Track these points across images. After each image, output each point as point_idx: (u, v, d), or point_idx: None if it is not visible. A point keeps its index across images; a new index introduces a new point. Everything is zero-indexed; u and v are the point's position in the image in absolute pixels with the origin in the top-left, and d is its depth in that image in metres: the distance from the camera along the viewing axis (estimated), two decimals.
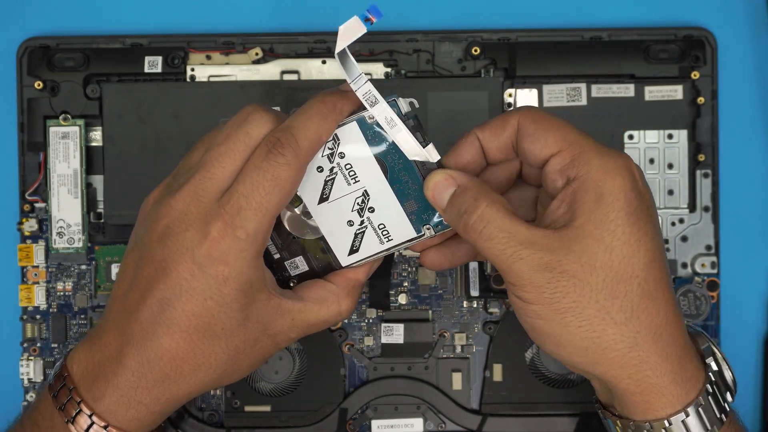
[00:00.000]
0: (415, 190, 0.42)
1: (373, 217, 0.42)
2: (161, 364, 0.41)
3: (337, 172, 0.42)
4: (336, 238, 0.43)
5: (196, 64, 0.54)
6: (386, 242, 0.43)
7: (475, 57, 0.54)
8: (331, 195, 0.42)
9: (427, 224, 0.42)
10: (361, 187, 0.42)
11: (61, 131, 0.53)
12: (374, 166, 0.42)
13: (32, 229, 0.54)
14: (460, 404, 0.54)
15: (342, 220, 0.43)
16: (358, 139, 0.41)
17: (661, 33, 0.54)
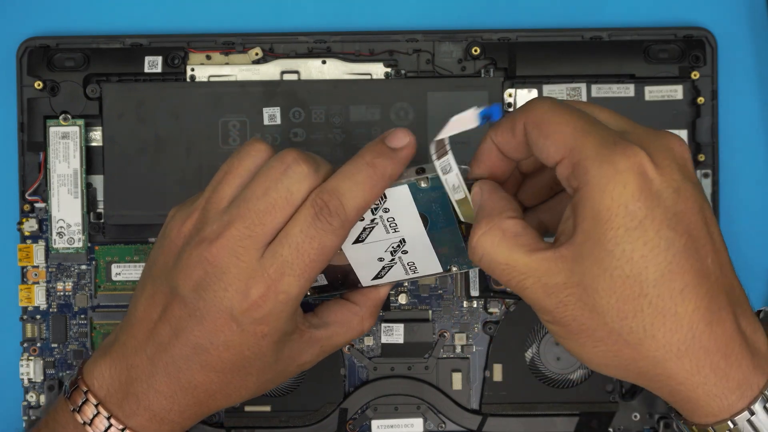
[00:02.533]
0: (450, 238, 0.42)
1: (404, 257, 0.43)
2: (195, 393, 0.42)
3: (378, 223, 0.42)
4: (362, 269, 0.44)
5: (196, 64, 0.54)
6: (411, 274, 0.44)
7: (475, 57, 0.54)
8: (367, 239, 0.42)
9: (455, 265, 0.43)
10: (399, 236, 0.42)
11: (61, 131, 0.53)
12: (417, 221, 0.42)
13: (32, 229, 0.54)
14: (460, 404, 0.54)
15: (373, 258, 0.43)
16: (407, 200, 0.41)
17: (661, 33, 0.54)
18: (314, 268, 0.40)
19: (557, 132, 0.36)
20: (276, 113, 0.52)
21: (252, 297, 0.39)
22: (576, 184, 0.36)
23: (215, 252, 0.40)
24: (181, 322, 0.41)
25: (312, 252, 0.39)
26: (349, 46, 0.54)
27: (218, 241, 0.40)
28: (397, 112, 0.52)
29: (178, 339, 0.41)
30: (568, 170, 0.36)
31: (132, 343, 0.42)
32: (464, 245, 0.42)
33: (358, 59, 0.54)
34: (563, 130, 0.36)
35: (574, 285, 0.36)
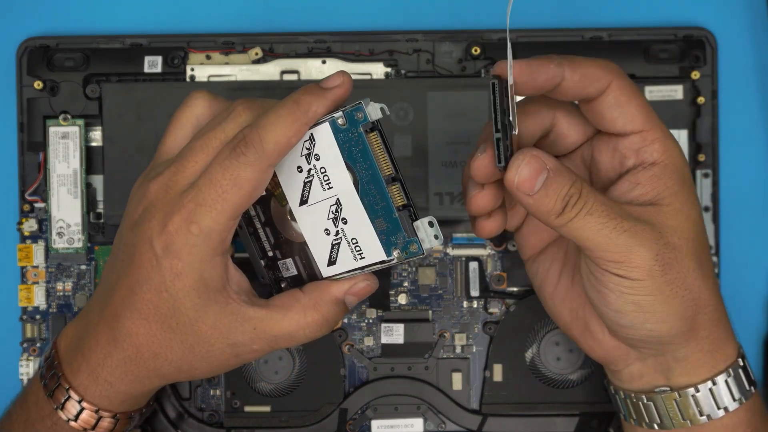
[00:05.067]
0: (383, 207, 0.40)
1: (346, 229, 0.41)
2: (124, 345, 0.42)
3: (313, 175, 0.41)
4: (316, 246, 0.42)
5: (196, 64, 0.54)
6: (359, 260, 0.41)
7: (475, 57, 0.54)
8: (309, 198, 0.41)
9: (397, 248, 0.40)
10: (333, 194, 0.41)
11: (61, 131, 0.53)
12: (344, 174, 0.40)
13: (32, 229, 0.54)
14: (460, 404, 0.54)
15: (320, 228, 0.42)
16: (330, 142, 0.40)
17: (661, 33, 0.54)
18: (229, 201, 0.39)
19: (645, 106, 0.41)
20: None
21: (168, 227, 0.40)
22: (656, 156, 0.41)
23: (152, 188, 0.41)
24: (123, 264, 0.42)
25: (225, 183, 0.39)
26: (349, 46, 0.54)
27: (156, 179, 0.41)
28: (397, 112, 0.52)
29: (118, 283, 0.42)
30: (647, 143, 0.41)
31: (94, 299, 0.44)
32: (396, 215, 0.40)
33: (358, 59, 0.54)
34: (646, 107, 0.41)
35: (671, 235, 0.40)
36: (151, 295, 0.41)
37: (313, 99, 0.39)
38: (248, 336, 0.41)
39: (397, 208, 0.40)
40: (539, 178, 0.38)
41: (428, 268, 0.54)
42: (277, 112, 0.39)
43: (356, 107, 0.39)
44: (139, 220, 0.41)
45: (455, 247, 0.54)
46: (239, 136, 0.39)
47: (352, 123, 0.39)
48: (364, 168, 0.40)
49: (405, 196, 0.40)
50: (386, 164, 0.39)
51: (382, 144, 0.39)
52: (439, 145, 0.52)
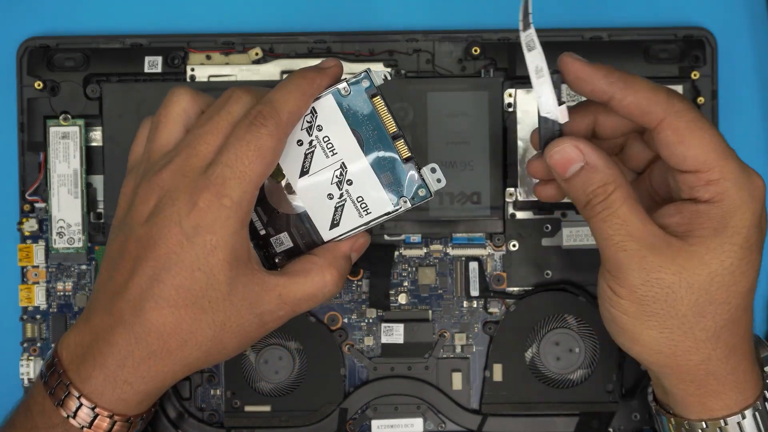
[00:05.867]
0: (389, 162, 0.44)
1: (351, 190, 0.44)
2: (149, 340, 0.41)
3: (316, 145, 0.44)
4: (317, 213, 0.45)
5: (196, 64, 0.54)
6: (365, 215, 0.44)
7: (475, 57, 0.54)
8: (311, 168, 0.44)
9: (404, 196, 0.44)
10: (338, 159, 0.44)
11: (61, 131, 0.53)
12: (350, 138, 0.43)
13: (32, 229, 0.54)
14: (460, 404, 0.54)
15: (322, 194, 0.44)
16: (334, 111, 0.43)
17: (661, 33, 0.54)
18: (254, 170, 0.41)
19: (699, 147, 0.39)
20: None
21: (199, 204, 0.40)
22: (708, 197, 0.39)
23: (164, 176, 0.42)
24: (136, 259, 0.41)
25: (250, 154, 0.41)
26: (349, 46, 0.54)
27: (167, 167, 0.42)
28: (397, 112, 0.52)
29: (133, 278, 0.41)
30: (701, 183, 0.39)
31: (95, 304, 0.43)
32: (404, 166, 0.43)
33: (358, 59, 0.54)
34: (706, 147, 0.39)
35: (672, 273, 0.39)
36: (181, 278, 0.41)
37: (317, 74, 0.43)
38: (274, 303, 0.43)
39: (403, 160, 0.43)
40: (572, 166, 0.40)
41: (428, 268, 0.54)
42: (287, 87, 0.42)
43: (362, 76, 0.43)
44: (157, 210, 0.41)
45: (455, 247, 0.54)
46: (254, 111, 0.41)
47: (357, 90, 0.43)
48: (370, 129, 0.43)
49: (409, 149, 0.44)
50: (390, 123, 0.43)
51: (385, 106, 0.43)
52: (439, 145, 0.52)
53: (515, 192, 0.53)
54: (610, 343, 0.53)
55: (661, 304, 0.40)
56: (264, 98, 0.42)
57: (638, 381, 0.54)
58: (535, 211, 0.54)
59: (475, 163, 0.52)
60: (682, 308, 0.40)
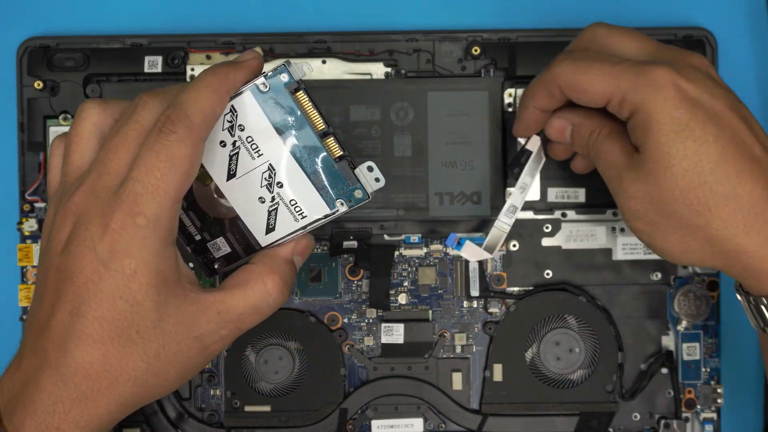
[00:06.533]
0: (321, 162, 0.40)
1: (282, 193, 0.41)
2: (76, 381, 0.38)
3: (240, 146, 0.41)
4: (251, 217, 0.42)
5: (196, 64, 0.54)
6: (301, 220, 0.41)
7: (475, 57, 0.54)
8: (237, 171, 0.41)
9: (341, 199, 0.41)
10: (265, 160, 0.41)
11: (61, 131, 0.53)
12: (275, 138, 0.40)
13: (32, 229, 0.54)
14: (460, 404, 0.54)
15: (253, 198, 0.41)
16: (255, 109, 0.40)
17: (661, 33, 0.54)
18: (168, 183, 0.37)
19: (592, 85, 0.42)
20: None
21: (111, 226, 0.37)
22: (628, 113, 0.42)
23: (77, 200, 0.39)
24: (56, 293, 0.38)
25: (161, 165, 0.37)
26: (349, 46, 0.54)
27: (79, 189, 0.39)
28: (397, 112, 0.52)
29: (55, 315, 0.38)
30: (617, 107, 0.42)
31: (24, 343, 0.40)
32: (336, 167, 0.41)
33: (358, 59, 0.54)
34: (596, 81, 0.42)
35: (643, 182, 0.42)
36: (103, 309, 0.37)
37: (230, 69, 0.40)
38: (213, 323, 0.40)
39: (335, 159, 0.40)
40: (566, 132, 0.46)
41: (428, 268, 0.54)
42: (196, 87, 0.39)
43: (279, 70, 0.40)
44: (71, 237, 0.38)
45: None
46: (162, 117, 0.38)
47: (276, 85, 0.40)
48: (295, 128, 0.40)
49: (340, 147, 0.41)
50: (317, 120, 0.40)
51: (310, 101, 0.40)
52: (439, 145, 0.52)
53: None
54: (610, 343, 0.53)
55: (655, 212, 0.42)
56: (173, 103, 0.38)
57: (638, 381, 0.54)
58: (535, 211, 0.54)
59: (475, 163, 0.52)
60: (670, 206, 0.41)
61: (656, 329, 0.54)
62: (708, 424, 0.54)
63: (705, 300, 0.53)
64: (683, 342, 0.53)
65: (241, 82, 0.40)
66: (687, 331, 0.53)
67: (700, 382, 0.54)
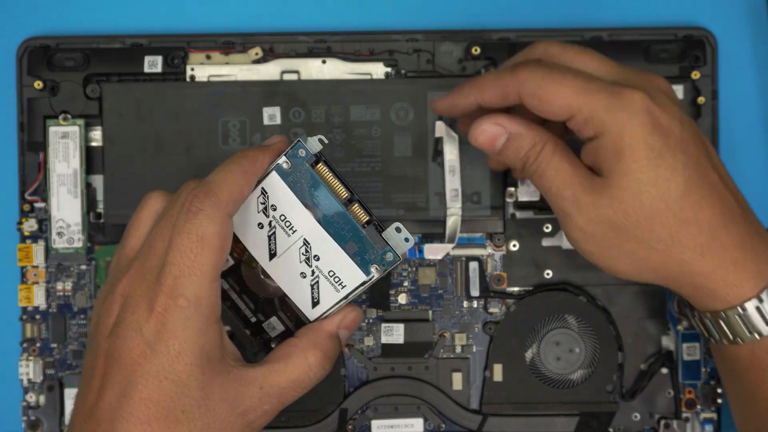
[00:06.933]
0: (350, 230, 0.41)
1: (320, 265, 0.42)
2: None
3: (275, 226, 0.42)
4: (297, 293, 0.43)
5: (196, 64, 0.54)
6: (342, 289, 0.42)
7: (475, 57, 0.54)
8: (278, 249, 0.42)
9: (374, 264, 0.42)
10: (299, 236, 0.42)
11: (61, 131, 0.53)
12: (304, 212, 0.42)
13: (32, 229, 0.54)
14: (460, 404, 0.54)
15: (295, 274, 0.42)
16: (282, 187, 0.41)
17: (661, 33, 0.54)
18: (204, 262, 0.38)
19: (559, 97, 0.41)
20: (276, 113, 0.52)
21: (156, 309, 0.38)
22: (592, 133, 0.41)
23: (125, 282, 0.40)
24: (104, 377, 0.39)
25: (193, 246, 0.38)
26: (349, 46, 0.54)
27: (128, 273, 0.40)
28: (397, 112, 0.52)
29: (103, 398, 0.39)
30: (580, 124, 0.41)
31: (73, 425, 0.40)
32: (364, 233, 0.42)
33: (358, 59, 0.54)
34: (565, 94, 0.41)
35: (606, 207, 0.41)
36: (149, 390, 0.38)
37: (258, 151, 0.41)
38: (256, 398, 0.40)
39: (362, 226, 0.41)
40: (498, 140, 0.43)
41: (428, 268, 0.54)
42: (225, 167, 0.40)
43: (296, 146, 0.41)
44: (119, 319, 0.39)
45: (455, 247, 0.54)
46: (190, 196, 0.39)
47: (297, 162, 0.41)
48: (321, 200, 0.41)
49: (366, 212, 0.42)
50: (340, 189, 0.41)
51: (330, 171, 0.41)
52: None
53: (515, 192, 0.53)
54: (610, 343, 0.53)
55: (613, 235, 0.42)
56: (202, 181, 0.40)
57: (638, 381, 0.54)
58: (535, 211, 0.54)
59: (475, 163, 0.52)
60: (631, 231, 0.41)
61: (656, 329, 0.54)
62: (708, 424, 0.54)
63: None
64: (683, 342, 0.53)
65: (268, 163, 0.42)
66: (687, 331, 0.53)
67: (700, 382, 0.54)
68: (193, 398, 0.38)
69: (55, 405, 0.53)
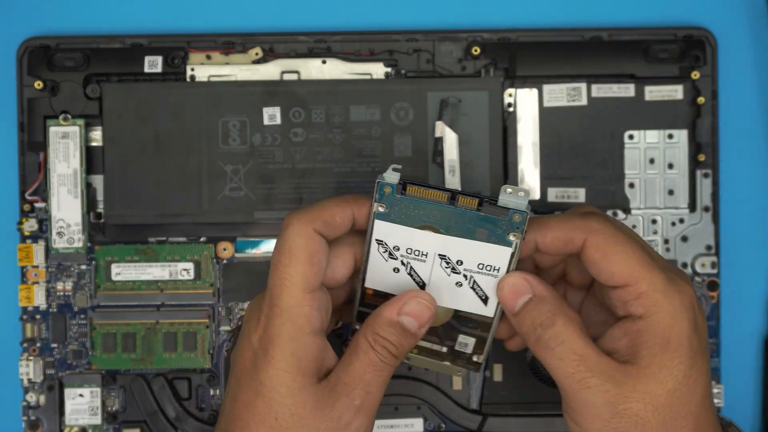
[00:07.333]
0: (470, 220, 0.41)
1: (467, 266, 0.42)
2: None
3: (408, 262, 0.42)
4: (464, 303, 0.43)
5: (196, 64, 0.54)
6: (498, 272, 0.42)
7: (475, 57, 0.54)
8: (423, 279, 0.42)
9: (509, 232, 0.40)
10: (433, 255, 0.42)
11: (61, 131, 0.53)
12: (423, 234, 0.41)
13: (32, 229, 0.54)
14: (460, 404, 0.54)
15: (452, 288, 0.42)
16: (392, 227, 0.41)
17: (661, 33, 0.54)
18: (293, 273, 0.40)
19: (624, 261, 0.40)
20: (276, 113, 0.52)
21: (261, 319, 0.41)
22: (641, 312, 0.39)
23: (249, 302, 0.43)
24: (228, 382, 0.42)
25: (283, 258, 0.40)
26: (349, 46, 0.54)
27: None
28: (397, 112, 0.52)
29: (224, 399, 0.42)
30: (632, 297, 0.40)
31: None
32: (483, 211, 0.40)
33: (358, 59, 0.54)
34: (630, 262, 0.40)
35: (636, 401, 0.39)
36: (246, 395, 0.40)
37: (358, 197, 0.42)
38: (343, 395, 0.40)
39: (477, 210, 0.40)
40: (521, 298, 0.41)
41: None
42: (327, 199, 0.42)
43: (379, 188, 0.41)
44: (239, 334, 0.43)
45: None
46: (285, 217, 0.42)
47: (389, 200, 0.41)
48: (430, 214, 0.41)
49: (472, 196, 0.41)
50: (438, 194, 0.41)
51: (420, 186, 0.41)
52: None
53: None
54: None
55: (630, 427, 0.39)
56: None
57: None
58: (535, 212, 0.54)
59: (475, 163, 0.52)
60: (650, 429, 0.39)
61: None
62: None
63: (705, 300, 0.53)
64: None
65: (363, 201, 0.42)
66: None
67: None
68: (284, 405, 0.40)
69: (55, 405, 0.53)
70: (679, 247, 0.54)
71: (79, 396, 0.53)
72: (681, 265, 0.54)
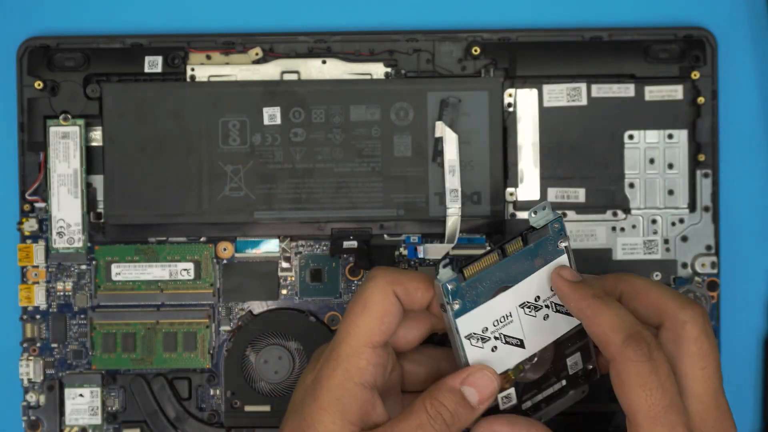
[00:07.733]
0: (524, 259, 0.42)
1: (544, 295, 0.43)
2: None
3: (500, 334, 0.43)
4: (559, 329, 0.44)
5: (196, 64, 0.54)
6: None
7: (475, 57, 0.54)
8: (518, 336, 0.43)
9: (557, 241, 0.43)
10: (516, 312, 0.43)
11: (61, 131, 0.53)
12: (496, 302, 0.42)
13: (32, 229, 0.54)
14: None
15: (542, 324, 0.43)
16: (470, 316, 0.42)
17: (661, 33, 0.54)
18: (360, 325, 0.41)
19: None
20: (276, 113, 0.52)
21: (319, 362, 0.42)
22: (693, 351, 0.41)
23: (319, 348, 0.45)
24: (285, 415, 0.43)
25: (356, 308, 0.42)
26: (349, 46, 0.54)
27: None
28: (397, 112, 0.52)
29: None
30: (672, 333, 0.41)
31: None
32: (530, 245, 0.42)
33: (358, 59, 0.54)
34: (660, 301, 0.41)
35: None
36: (292, 429, 0.42)
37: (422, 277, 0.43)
38: None
39: (524, 247, 0.42)
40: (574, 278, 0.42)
41: (428, 268, 0.54)
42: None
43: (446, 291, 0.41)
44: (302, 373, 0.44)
45: (455, 247, 0.54)
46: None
47: (457, 291, 0.41)
48: (494, 276, 0.42)
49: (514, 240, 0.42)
50: (492, 257, 0.42)
51: (473, 263, 0.42)
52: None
53: (515, 192, 0.53)
54: None
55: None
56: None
57: None
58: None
59: (475, 163, 0.52)
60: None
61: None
62: None
63: (705, 300, 0.53)
64: None
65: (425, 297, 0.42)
66: None
67: None
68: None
69: (55, 405, 0.53)
70: (679, 247, 0.54)
71: (79, 396, 0.53)
72: (681, 265, 0.54)
